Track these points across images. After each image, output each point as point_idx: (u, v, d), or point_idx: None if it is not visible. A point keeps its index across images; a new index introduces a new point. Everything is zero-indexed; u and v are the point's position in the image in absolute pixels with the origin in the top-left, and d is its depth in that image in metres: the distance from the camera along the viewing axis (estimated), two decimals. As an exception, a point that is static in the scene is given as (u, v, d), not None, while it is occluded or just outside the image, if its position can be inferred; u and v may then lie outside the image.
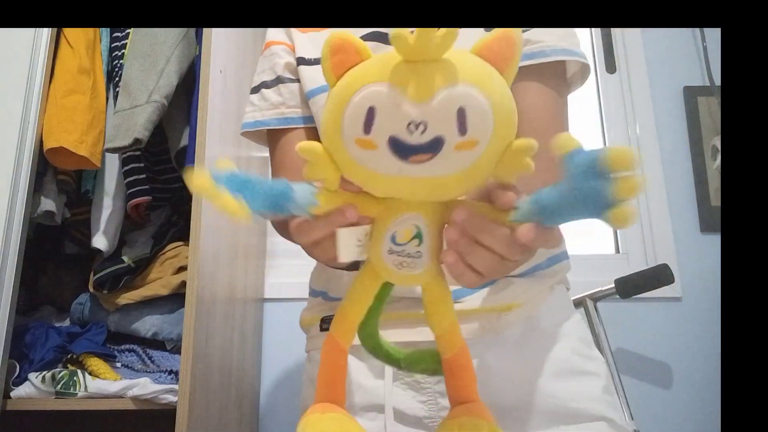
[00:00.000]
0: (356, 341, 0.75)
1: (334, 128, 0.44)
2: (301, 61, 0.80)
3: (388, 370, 0.71)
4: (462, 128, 0.40)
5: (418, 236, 0.48)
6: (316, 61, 0.79)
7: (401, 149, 0.41)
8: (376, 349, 0.60)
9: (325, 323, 0.78)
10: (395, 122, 0.40)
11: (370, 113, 0.41)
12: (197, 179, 0.43)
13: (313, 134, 0.80)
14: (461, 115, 0.40)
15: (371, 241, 0.50)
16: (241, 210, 0.44)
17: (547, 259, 0.75)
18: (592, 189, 0.38)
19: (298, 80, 0.81)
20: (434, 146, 0.40)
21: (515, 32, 0.43)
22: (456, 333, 0.53)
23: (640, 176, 0.37)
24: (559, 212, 0.41)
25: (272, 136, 0.82)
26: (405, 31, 0.39)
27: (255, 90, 0.84)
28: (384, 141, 0.41)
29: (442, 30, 0.38)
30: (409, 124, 0.40)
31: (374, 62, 0.43)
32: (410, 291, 0.71)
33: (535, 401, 0.68)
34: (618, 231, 1.74)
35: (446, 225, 0.48)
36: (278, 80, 0.81)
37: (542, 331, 0.71)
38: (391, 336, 0.71)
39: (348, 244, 0.49)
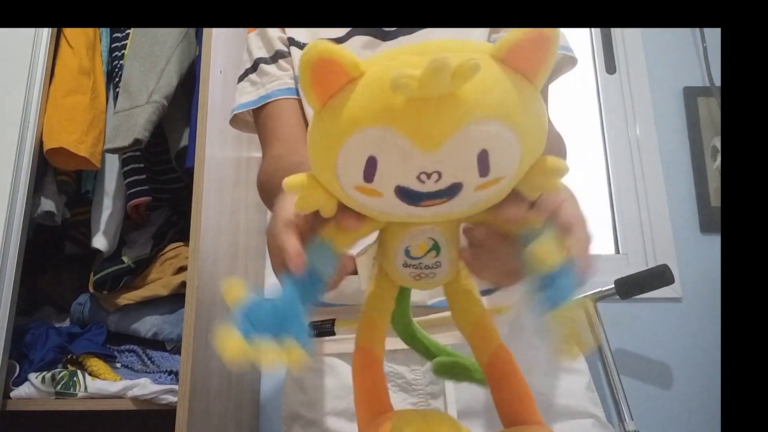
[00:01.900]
0: (349, 349, 0.74)
1: (327, 169, 0.37)
2: (292, 41, 0.78)
3: None
4: (484, 171, 0.34)
5: (435, 248, 0.42)
6: (304, 47, 0.77)
7: (411, 197, 0.35)
8: (414, 344, 0.55)
9: (313, 330, 0.74)
10: (402, 173, 0.34)
11: (371, 163, 0.34)
12: (230, 348, 0.36)
13: None
14: (483, 157, 0.34)
15: (382, 254, 0.45)
16: (294, 351, 0.38)
17: None
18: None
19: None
20: (451, 192, 0.35)
21: (552, 31, 0.34)
22: (487, 329, 0.45)
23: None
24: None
25: (264, 109, 0.77)
26: (408, 75, 0.31)
27: (252, 69, 0.79)
28: (390, 190, 0.35)
29: (458, 62, 0.30)
30: (420, 174, 0.34)
31: (367, 91, 0.34)
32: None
33: None
34: (618, 231, 1.74)
35: (462, 242, 0.44)
36: (278, 55, 0.78)
37: (528, 330, 0.71)
38: (395, 343, 0.71)
39: (368, 269, 0.45)
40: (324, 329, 0.74)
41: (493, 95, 0.33)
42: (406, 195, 0.35)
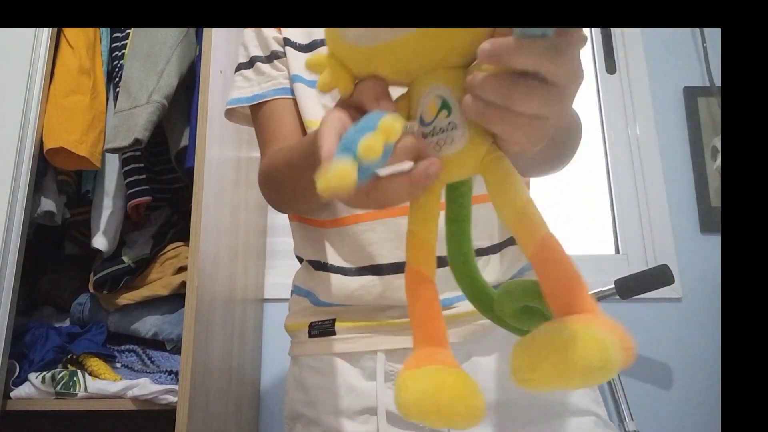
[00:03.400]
0: (349, 349, 0.74)
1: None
2: (287, 41, 0.79)
3: (380, 371, 0.70)
4: None
5: (445, 106, 0.42)
6: (300, 47, 0.78)
7: None
8: (470, 285, 0.48)
9: (314, 329, 0.75)
10: None
11: None
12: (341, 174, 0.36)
13: None
14: None
15: None
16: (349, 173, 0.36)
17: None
18: None
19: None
20: None
21: None
22: (533, 217, 0.41)
23: None
24: None
25: (261, 109, 0.79)
26: None
27: (248, 64, 0.81)
28: None
29: None
30: None
31: None
32: (401, 300, 0.61)
33: (524, 397, 0.68)
34: (618, 231, 1.74)
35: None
36: (273, 55, 0.80)
37: None
38: (379, 344, 0.71)
39: None
40: (324, 329, 0.75)
41: None
42: None
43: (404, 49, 0.41)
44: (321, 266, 0.76)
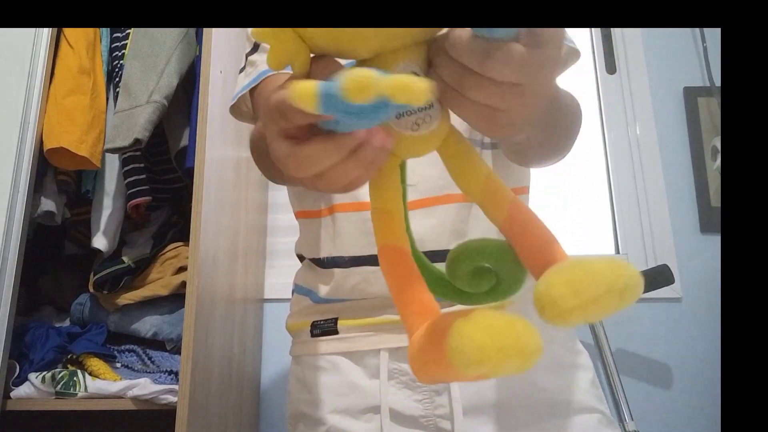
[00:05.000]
0: (352, 348, 0.74)
1: None
2: None
3: (383, 369, 0.70)
4: None
5: None
6: None
7: None
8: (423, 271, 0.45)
9: (316, 329, 0.75)
10: None
11: None
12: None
13: None
14: None
15: None
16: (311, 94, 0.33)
17: None
18: None
19: None
20: None
21: None
22: (497, 188, 0.41)
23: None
24: None
25: (256, 90, 0.77)
26: None
27: (244, 65, 0.81)
28: None
29: None
30: None
31: None
32: None
33: (529, 395, 0.68)
34: (618, 231, 1.74)
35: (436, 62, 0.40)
36: (257, 45, 0.79)
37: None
38: (382, 342, 0.71)
39: None
40: (326, 328, 0.75)
41: None
42: None
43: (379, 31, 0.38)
44: (322, 262, 0.76)
